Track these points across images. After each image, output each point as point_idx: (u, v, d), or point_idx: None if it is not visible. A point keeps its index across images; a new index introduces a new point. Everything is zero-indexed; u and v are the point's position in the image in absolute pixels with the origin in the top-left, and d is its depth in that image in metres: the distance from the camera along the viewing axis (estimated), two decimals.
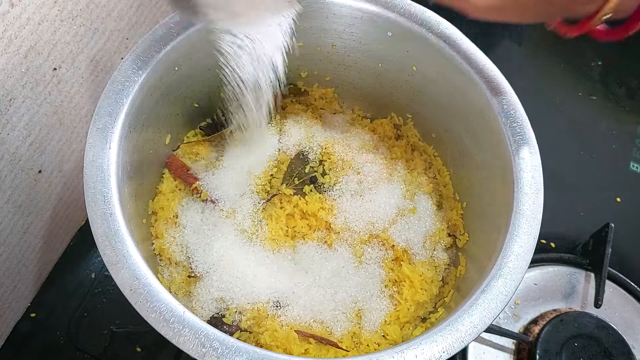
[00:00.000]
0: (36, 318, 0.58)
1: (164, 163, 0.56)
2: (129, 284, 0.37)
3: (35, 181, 0.53)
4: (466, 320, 0.38)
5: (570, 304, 0.60)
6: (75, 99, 0.54)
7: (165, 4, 0.63)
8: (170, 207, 0.53)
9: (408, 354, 0.36)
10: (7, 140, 0.47)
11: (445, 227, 0.56)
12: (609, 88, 0.81)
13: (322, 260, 0.52)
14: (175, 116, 0.55)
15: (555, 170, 0.56)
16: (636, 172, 0.74)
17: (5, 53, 0.43)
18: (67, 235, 0.62)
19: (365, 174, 0.56)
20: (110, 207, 0.40)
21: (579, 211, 0.70)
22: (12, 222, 0.52)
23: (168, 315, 0.36)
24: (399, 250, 0.53)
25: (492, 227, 0.48)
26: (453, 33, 0.51)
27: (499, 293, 0.40)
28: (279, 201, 0.54)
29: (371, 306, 0.50)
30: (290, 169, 0.56)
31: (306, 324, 0.49)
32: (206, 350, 0.35)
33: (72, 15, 0.49)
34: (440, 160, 0.60)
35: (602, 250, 0.60)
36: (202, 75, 0.54)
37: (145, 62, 0.46)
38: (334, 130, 0.61)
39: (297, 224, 0.53)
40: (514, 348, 0.57)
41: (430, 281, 0.53)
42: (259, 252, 0.51)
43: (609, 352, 0.54)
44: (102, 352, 0.56)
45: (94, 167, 0.41)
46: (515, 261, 0.41)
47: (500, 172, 0.48)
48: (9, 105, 0.45)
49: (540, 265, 0.62)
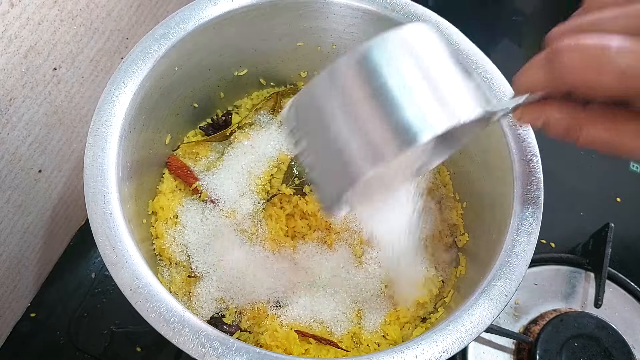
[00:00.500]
0: (36, 318, 0.58)
1: (164, 163, 0.56)
2: (129, 284, 0.37)
3: (35, 181, 0.53)
4: (466, 320, 0.38)
5: (570, 304, 0.60)
6: (75, 99, 0.54)
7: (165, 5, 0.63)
8: (170, 207, 0.53)
9: (408, 354, 0.36)
10: (7, 140, 0.47)
11: (445, 227, 0.56)
12: None
13: (322, 260, 0.52)
14: (175, 116, 0.55)
15: (555, 170, 0.56)
16: (636, 172, 0.74)
17: (5, 53, 0.43)
18: (67, 235, 0.62)
19: None
20: (110, 207, 0.40)
21: (579, 211, 0.70)
22: (12, 222, 0.52)
23: (168, 315, 0.36)
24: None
25: (492, 227, 0.48)
26: (453, 33, 0.51)
27: (499, 293, 0.40)
28: (279, 201, 0.54)
29: (371, 306, 0.50)
30: (290, 169, 0.56)
31: (306, 324, 0.49)
32: (206, 350, 0.35)
33: (72, 15, 0.49)
34: None
35: (602, 250, 0.60)
36: (202, 75, 0.54)
37: (145, 62, 0.46)
38: None
39: (297, 224, 0.53)
40: (514, 348, 0.57)
41: (430, 281, 0.53)
42: (259, 252, 0.51)
43: (609, 352, 0.54)
44: (102, 352, 0.56)
45: (94, 167, 0.41)
46: (515, 261, 0.41)
47: (500, 172, 0.48)
48: (9, 105, 0.45)
49: (540, 265, 0.62)
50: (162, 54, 0.47)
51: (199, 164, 0.57)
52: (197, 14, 0.49)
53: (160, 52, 0.47)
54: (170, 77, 0.50)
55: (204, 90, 0.56)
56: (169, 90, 0.51)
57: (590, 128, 0.29)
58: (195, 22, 0.49)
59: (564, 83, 0.28)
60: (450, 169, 0.59)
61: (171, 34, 0.48)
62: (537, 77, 0.29)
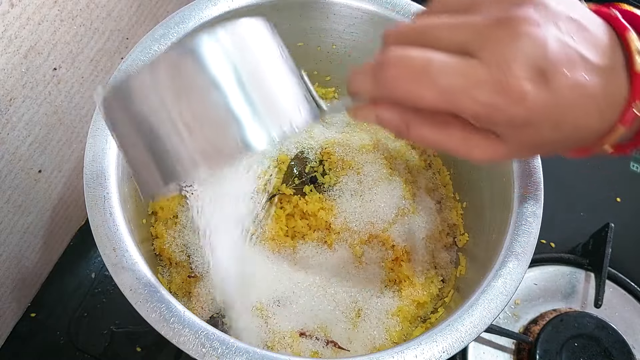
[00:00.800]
0: (36, 318, 0.58)
1: None
2: (129, 284, 0.37)
3: (35, 181, 0.53)
4: (466, 320, 0.38)
5: (570, 304, 0.60)
6: (75, 99, 0.54)
7: (165, 5, 0.63)
8: (170, 207, 0.53)
9: (408, 354, 0.36)
10: (7, 140, 0.47)
11: (445, 227, 0.56)
12: None
13: (322, 260, 0.52)
14: None
15: (555, 171, 0.56)
16: (636, 172, 0.74)
17: (5, 53, 0.43)
18: (67, 235, 0.62)
19: (365, 174, 0.56)
20: (110, 207, 0.40)
21: (579, 211, 0.70)
22: (12, 222, 0.52)
23: (168, 315, 0.36)
24: (399, 250, 0.53)
25: (492, 227, 0.48)
26: None
27: (499, 293, 0.40)
28: (279, 201, 0.54)
29: (371, 306, 0.51)
30: (290, 169, 0.56)
31: (306, 324, 0.49)
32: (206, 350, 0.35)
33: (72, 15, 0.49)
34: (440, 160, 0.60)
35: (602, 250, 0.60)
36: None
37: (145, 62, 0.46)
38: (334, 130, 0.61)
39: (297, 224, 0.53)
40: (514, 348, 0.57)
41: (430, 281, 0.53)
42: (259, 252, 0.51)
43: (609, 352, 0.54)
44: (102, 352, 0.56)
45: (94, 167, 0.41)
46: (515, 261, 0.41)
47: (500, 172, 0.48)
48: (9, 105, 0.45)
49: (540, 265, 0.62)
50: None
51: None
52: (197, 14, 0.49)
53: (160, 52, 0.47)
54: None
55: None
56: None
57: (418, 129, 0.30)
58: (195, 22, 0.49)
59: (389, 94, 0.29)
60: (450, 169, 0.59)
61: (171, 34, 0.48)
62: (364, 84, 0.30)
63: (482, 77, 0.26)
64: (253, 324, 0.48)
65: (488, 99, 0.26)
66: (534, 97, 0.26)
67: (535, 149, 0.31)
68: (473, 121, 0.28)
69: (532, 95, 0.26)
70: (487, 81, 0.26)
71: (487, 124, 0.28)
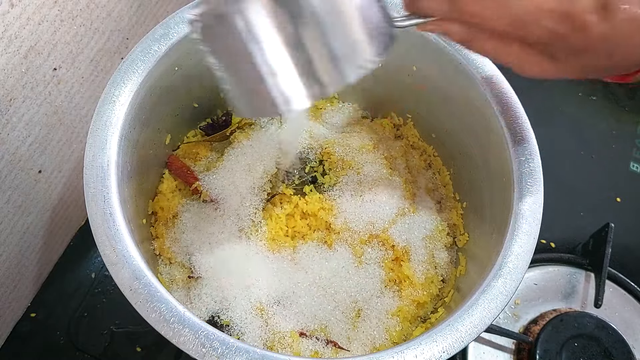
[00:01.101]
0: (36, 318, 0.58)
1: (164, 163, 0.56)
2: (129, 284, 0.37)
3: (35, 181, 0.53)
4: (466, 320, 0.38)
5: (570, 304, 0.60)
6: (75, 99, 0.54)
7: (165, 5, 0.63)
8: (170, 207, 0.53)
9: (408, 354, 0.36)
10: (7, 140, 0.47)
11: (445, 227, 0.56)
12: (608, 88, 0.81)
13: (322, 260, 0.52)
14: (175, 116, 0.55)
15: (555, 170, 0.56)
16: (636, 172, 0.74)
17: (5, 53, 0.43)
18: (67, 235, 0.62)
19: (365, 174, 0.56)
20: (110, 207, 0.40)
21: (579, 211, 0.70)
22: (12, 222, 0.52)
23: (168, 315, 0.36)
24: (399, 250, 0.53)
25: (492, 227, 0.48)
26: None
27: (499, 293, 0.40)
28: (279, 201, 0.54)
29: (371, 306, 0.51)
30: (290, 169, 0.56)
31: (306, 324, 0.49)
32: (206, 350, 0.35)
33: (72, 15, 0.49)
34: (440, 160, 0.60)
35: (602, 250, 0.60)
36: (202, 75, 0.54)
37: (145, 62, 0.46)
38: (334, 130, 0.61)
39: (297, 224, 0.53)
40: (514, 348, 0.57)
41: (430, 281, 0.53)
42: (259, 252, 0.51)
43: (609, 352, 0.54)
44: (102, 352, 0.56)
45: (94, 167, 0.41)
46: (515, 261, 0.41)
47: (500, 172, 0.48)
48: (9, 105, 0.45)
49: (540, 265, 0.62)
50: (162, 54, 0.47)
51: (199, 164, 0.57)
52: None
53: (160, 52, 0.47)
54: (170, 77, 0.50)
55: (204, 90, 0.56)
56: (169, 90, 0.51)
57: (482, 43, 0.34)
58: None
59: (464, 17, 0.33)
60: (450, 169, 0.59)
61: (171, 34, 0.48)
62: (440, 6, 0.33)
63: (552, 6, 0.30)
64: (253, 324, 0.48)
65: (554, 27, 0.30)
66: (595, 28, 0.30)
67: (582, 72, 0.34)
68: (534, 43, 0.32)
69: (593, 26, 0.30)
70: (555, 10, 0.30)
71: (547, 47, 0.32)
